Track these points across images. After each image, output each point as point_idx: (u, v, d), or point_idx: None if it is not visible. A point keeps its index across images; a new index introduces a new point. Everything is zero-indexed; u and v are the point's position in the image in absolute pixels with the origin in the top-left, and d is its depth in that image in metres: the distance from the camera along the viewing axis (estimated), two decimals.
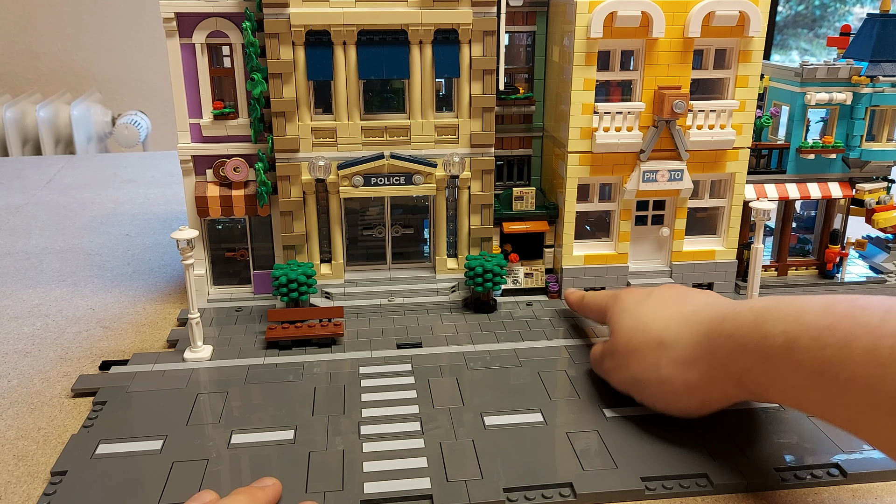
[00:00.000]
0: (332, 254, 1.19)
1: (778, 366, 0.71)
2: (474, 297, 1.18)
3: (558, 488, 0.75)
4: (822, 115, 1.25)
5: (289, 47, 1.07)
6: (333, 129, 1.12)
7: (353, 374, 0.98)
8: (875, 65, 1.19)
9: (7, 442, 0.85)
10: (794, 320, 0.70)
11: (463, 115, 1.14)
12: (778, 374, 0.71)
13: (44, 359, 1.04)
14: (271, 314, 1.08)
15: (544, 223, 1.21)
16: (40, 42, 2.84)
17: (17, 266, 1.40)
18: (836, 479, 0.77)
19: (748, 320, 0.75)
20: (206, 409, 0.90)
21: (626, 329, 0.89)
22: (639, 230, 1.22)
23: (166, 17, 1.07)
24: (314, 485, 0.76)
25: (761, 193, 1.21)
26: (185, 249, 0.97)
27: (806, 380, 0.68)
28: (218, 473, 0.78)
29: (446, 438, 0.83)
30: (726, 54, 1.15)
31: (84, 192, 1.92)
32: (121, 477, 0.77)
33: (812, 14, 4.01)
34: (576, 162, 1.16)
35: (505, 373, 0.98)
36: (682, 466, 0.78)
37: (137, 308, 1.21)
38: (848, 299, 0.69)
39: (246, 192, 1.14)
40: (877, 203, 1.25)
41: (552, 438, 0.83)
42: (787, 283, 1.27)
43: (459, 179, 1.16)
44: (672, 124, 1.13)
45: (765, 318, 0.73)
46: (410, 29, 1.08)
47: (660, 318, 0.87)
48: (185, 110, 1.12)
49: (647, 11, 1.08)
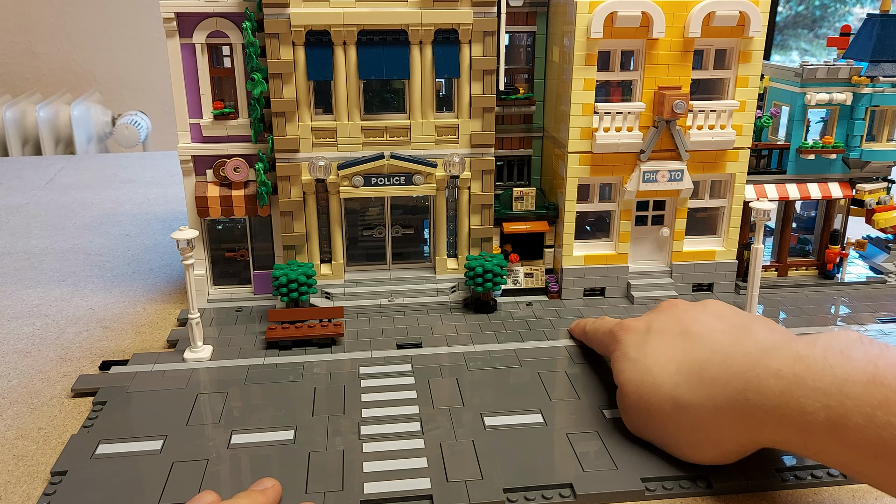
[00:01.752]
0: (333, 254, 1.19)
1: (821, 442, 0.64)
2: (474, 298, 1.18)
3: (558, 489, 0.75)
4: (822, 115, 1.25)
5: (289, 47, 1.07)
6: (333, 129, 1.12)
7: (353, 374, 0.98)
8: (875, 65, 1.19)
9: (7, 442, 0.84)
10: (836, 393, 0.62)
11: (463, 116, 1.14)
12: (822, 449, 0.64)
13: (44, 359, 1.04)
14: (271, 314, 1.08)
15: (544, 223, 1.21)
16: (40, 42, 2.84)
17: (17, 266, 1.40)
18: (836, 480, 0.77)
19: (777, 391, 0.66)
20: (206, 409, 0.90)
21: (632, 387, 0.80)
22: (639, 230, 1.22)
23: (166, 17, 1.07)
24: (314, 485, 0.76)
25: (761, 194, 1.21)
26: (185, 249, 0.97)
27: (860, 459, 0.62)
28: (218, 474, 0.78)
29: (446, 439, 0.83)
30: (726, 54, 1.15)
31: (84, 192, 1.92)
32: (121, 477, 0.77)
33: (812, 14, 4.01)
34: (576, 162, 1.16)
35: (505, 373, 0.98)
36: (682, 467, 0.78)
37: (137, 308, 1.21)
38: (893, 364, 0.61)
39: (246, 193, 1.14)
40: (877, 203, 1.25)
41: (552, 439, 0.83)
42: (787, 284, 1.27)
43: (459, 179, 1.16)
44: (672, 124, 1.13)
45: (797, 389, 0.65)
46: (410, 29, 1.08)
47: (668, 371, 0.78)
48: (185, 110, 1.12)
49: (647, 12, 1.08)
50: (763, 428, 0.69)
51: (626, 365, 0.83)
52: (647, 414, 0.79)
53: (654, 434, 0.80)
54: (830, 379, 0.63)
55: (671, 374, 0.78)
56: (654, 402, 0.78)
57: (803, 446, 0.66)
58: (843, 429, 0.62)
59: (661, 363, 0.79)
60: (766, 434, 0.69)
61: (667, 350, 0.80)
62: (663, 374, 0.78)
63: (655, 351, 0.81)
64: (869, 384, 0.61)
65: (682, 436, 0.77)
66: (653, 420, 0.79)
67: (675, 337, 0.81)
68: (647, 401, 0.79)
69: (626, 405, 0.82)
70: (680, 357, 0.78)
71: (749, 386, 0.69)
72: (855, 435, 0.61)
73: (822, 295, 1.24)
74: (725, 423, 0.72)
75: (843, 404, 0.61)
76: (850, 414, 0.61)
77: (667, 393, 0.77)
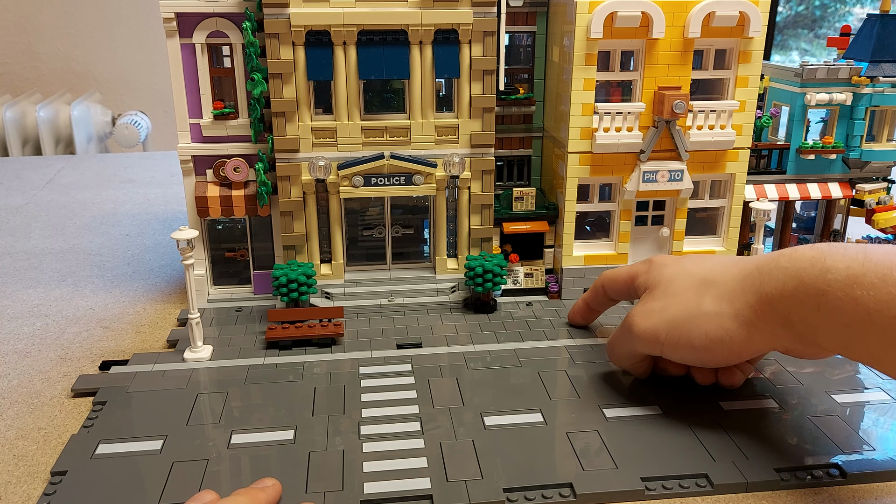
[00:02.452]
0: (332, 254, 1.19)
1: (835, 301, 0.70)
2: (474, 298, 1.18)
3: (558, 488, 0.75)
4: (822, 115, 1.25)
5: (289, 47, 1.07)
6: (333, 129, 1.12)
7: (353, 374, 0.98)
8: (875, 65, 1.19)
9: (7, 442, 0.84)
10: (860, 258, 0.70)
11: (463, 116, 1.14)
12: (833, 310, 0.70)
13: (44, 359, 1.04)
14: (271, 314, 1.08)
15: (544, 223, 1.21)
16: (40, 42, 2.84)
17: (17, 266, 1.40)
18: (836, 480, 0.77)
19: (808, 256, 0.74)
20: (206, 409, 0.90)
21: (666, 277, 0.88)
22: (639, 230, 1.22)
23: (166, 17, 1.07)
24: (314, 485, 0.76)
25: (761, 194, 1.21)
26: (185, 249, 0.97)
27: (863, 319, 0.68)
28: (218, 473, 0.78)
29: (446, 438, 0.83)
30: (726, 55, 1.15)
31: (84, 192, 1.92)
32: (121, 477, 0.77)
33: (812, 14, 4.01)
34: (576, 162, 1.16)
35: (505, 373, 0.98)
36: (682, 466, 0.78)
37: (137, 308, 1.21)
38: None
39: (246, 192, 1.14)
40: (877, 203, 1.25)
41: (552, 438, 0.83)
42: None
43: (459, 180, 1.16)
44: (672, 125, 1.13)
45: (827, 254, 0.72)
46: (410, 29, 1.08)
47: (705, 265, 0.86)
48: (185, 110, 1.12)
49: (647, 12, 1.08)
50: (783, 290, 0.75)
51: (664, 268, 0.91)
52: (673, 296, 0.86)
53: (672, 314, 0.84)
54: (860, 248, 0.72)
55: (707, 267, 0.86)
56: (685, 283, 0.86)
57: (816, 308, 0.72)
58: (857, 286, 0.69)
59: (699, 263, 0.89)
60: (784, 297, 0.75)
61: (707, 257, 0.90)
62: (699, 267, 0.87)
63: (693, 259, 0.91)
64: (888, 254, 0.69)
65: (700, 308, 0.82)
66: (677, 300, 0.85)
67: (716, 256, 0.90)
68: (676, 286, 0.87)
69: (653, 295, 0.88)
70: (717, 258, 0.89)
71: (783, 254, 0.78)
72: (865, 291, 0.68)
73: None
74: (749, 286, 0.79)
75: (864, 265, 0.69)
76: (867, 273, 0.68)
77: (700, 276, 0.85)
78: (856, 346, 0.71)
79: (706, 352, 0.82)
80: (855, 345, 0.71)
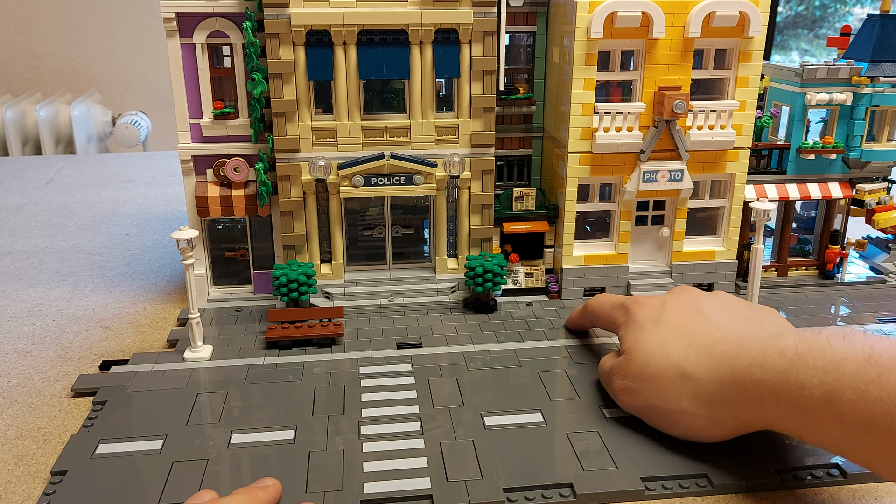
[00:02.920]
0: (333, 254, 1.19)
1: (816, 418, 0.67)
2: (474, 298, 1.18)
3: (558, 488, 0.75)
4: (823, 115, 1.25)
5: (289, 47, 1.07)
6: (334, 129, 1.12)
7: (353, 374, 0.98)
8: (875, 65, 1.19)
9: (7, 441, 0.84)
10: (833, 370, 0.66)
11: (463, 116, 1.14)
12: (816, 425, 0.68)
13: (44, 358, 1.04)
14: (271, 314, 1.08)
15: (544, 223, 1.21)
16: (40, 42, 2.84)
17: (17, 266, 1.40)
18: (836, 480, 0.77)
19: (779, 367, 0.70)
20: (206, 409, 0.90)
21: (642, 353, 0.84)
22: (639, 230, 1.22)
23: (166, 17, 1.07)
24: (314, 485, 0.76)
25: (761, 194, 1.21)
26: (185, 249, 0.97)
27: (850, 433, 0.65)
28: (218, 473, 0.78)
29: (446, 438, 0.83)
30: (726, 55, 1.15)
31: (84, 192, 1.92)
32: (121, 477, 0.77)
33: (812, 15, 4.01)
34: (576, 162, 1.16)
35: (505, 373, 0.98)
36: (682, 466, 0.78)
37: (137, 308, 1.21)
38: (889, 348, 0.65)
39: (246, 192, 1.14)
40: (877, 203, 1.25)
41: (552, 439, 0.83)
42: (787, 284, 1.27)
43: (459, 179, 1.16)
44: (672, 125, 1.13)
45: (798, 366, 0.69)
46: (411, 29, 1.08)
47: (680, 345, 0.81)
48: (185, 110, 1.12)
49: (647, 12, 1.08)
50: (762, 403, 0.72)
51: (640, 334, 0.86)
52: (649, 380, 0.82)
53: (650, 401, 0.82)
54: (829, 357, 0.67)
55: (683, 346, 0.81)
56: (661, 368, 0.81)
57: (798, 422, 0.69)
58: (836, 403, 0.65)
59: (674, 336, 0.83)
60: (764, 410, 0.72)
61: (682, 326, 0.84)
62: (676, 345, 0.82)
63: (670, 325, 0.85)
64: (864, 363, 0.65)
65: (678, 405, 0.79)
66: (653, 386, 0.81)
67: (691, 315, 0.85)
68: (654, 366, 0.82)
69: (630, 370, 0.84)
70: (694, 333, 0.82)
71: (755, 362, 0.73)
72: (847, 409, 0.64)
73: (822, 295, 1.24)
74: (727, 395, 0.75)
75: (839, 380, 0.65)
76: (844, 389, 0.65)
77: (675, 362, 0.80)
78: (851, 455, 0.69)
79: (686, 436, 0.81)
80: (850, 454, 0.69)
